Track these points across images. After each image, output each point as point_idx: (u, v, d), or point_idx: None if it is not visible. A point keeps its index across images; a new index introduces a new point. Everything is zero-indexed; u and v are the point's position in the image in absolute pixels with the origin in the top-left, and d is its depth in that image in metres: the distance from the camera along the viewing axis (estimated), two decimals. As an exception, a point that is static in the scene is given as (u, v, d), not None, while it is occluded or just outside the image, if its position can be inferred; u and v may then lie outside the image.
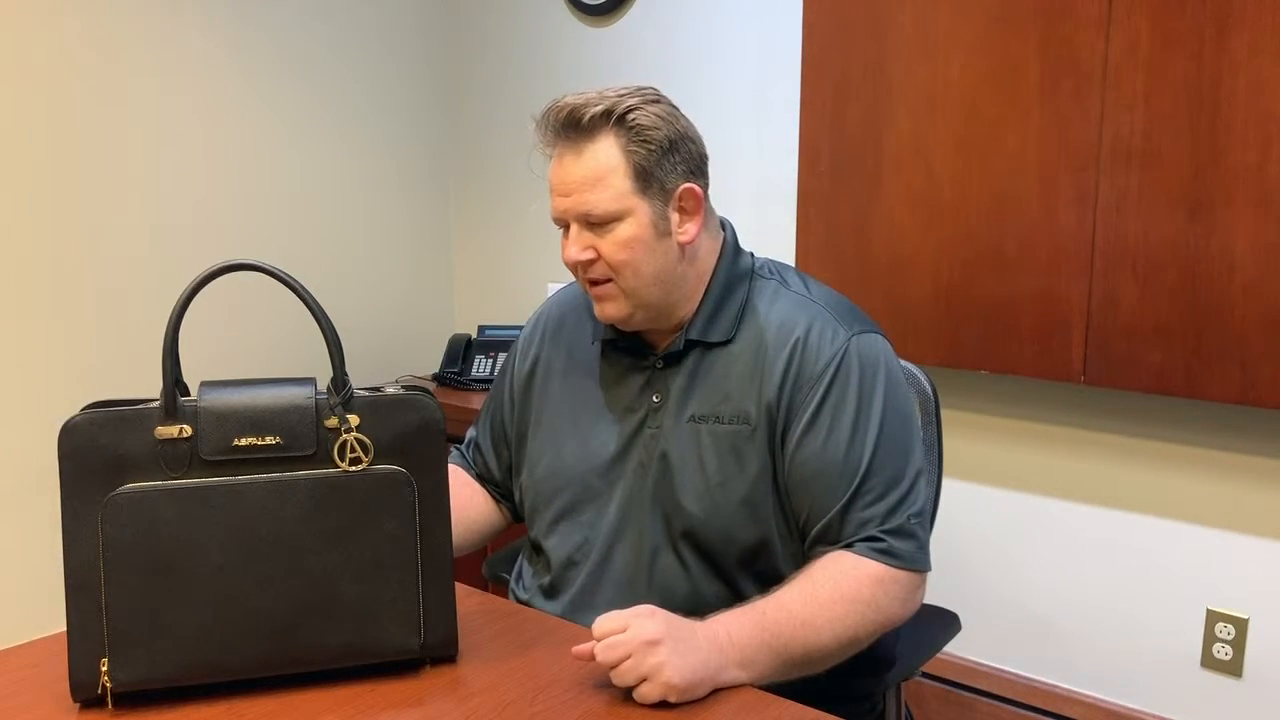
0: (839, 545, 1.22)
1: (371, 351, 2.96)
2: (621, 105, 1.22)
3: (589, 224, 1.24)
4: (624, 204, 1.22)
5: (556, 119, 1.23)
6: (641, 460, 1.30)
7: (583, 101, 1.22)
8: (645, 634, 1.03)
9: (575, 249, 1.24)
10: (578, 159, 1.22)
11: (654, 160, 1.23)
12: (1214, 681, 2.07)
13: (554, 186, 1.25)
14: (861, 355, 1.26)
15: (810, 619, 1.14)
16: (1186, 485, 2.06)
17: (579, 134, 1.22)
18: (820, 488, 1.23)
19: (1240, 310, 1.79)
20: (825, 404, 1.24)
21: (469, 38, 3.07)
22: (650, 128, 1.23)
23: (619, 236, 1.23)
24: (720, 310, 1.30)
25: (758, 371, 1.27)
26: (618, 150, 1.22)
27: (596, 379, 1.36)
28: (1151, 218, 1.86)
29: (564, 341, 1.42)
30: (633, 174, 1.22)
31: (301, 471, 1.04)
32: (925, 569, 1.25)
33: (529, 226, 3.03)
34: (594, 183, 1.22)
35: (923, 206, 2.10)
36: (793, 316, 1.28)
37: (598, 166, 1.22)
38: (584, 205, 1.22)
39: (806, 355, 1.25)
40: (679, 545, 1.28)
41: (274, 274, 1.04)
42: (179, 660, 1.01)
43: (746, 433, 1.26)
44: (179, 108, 2.51)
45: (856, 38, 2.14)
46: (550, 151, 1.26)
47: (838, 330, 1.27)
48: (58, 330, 2.35)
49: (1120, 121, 1.87)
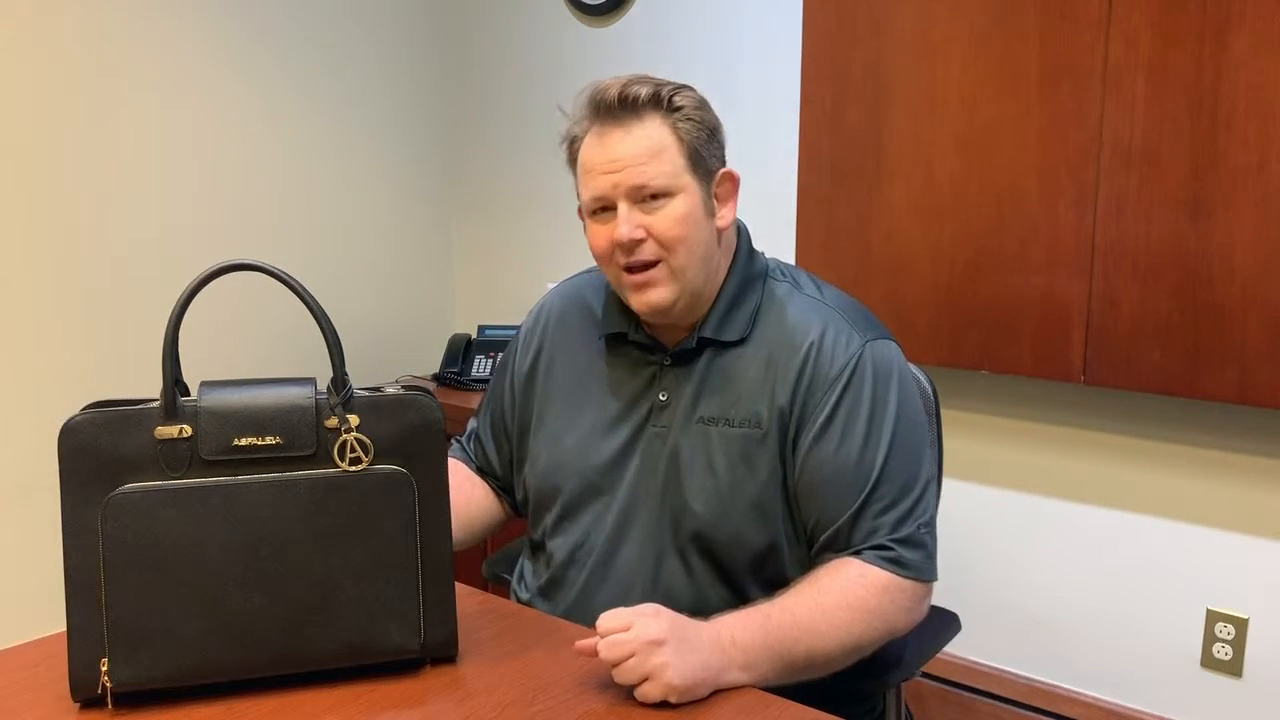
0: (847, 552, 1.22)
1: (371, 351, 2.96)
2: (666, 89, 1.23)
3: (639, 200, 1.22)
4: (680, 180, 1.22)
5: (603, 98, 1.22)
6: (646, 459, 1.30)
7: (627, 81, 1.22)
8: (649, 634, 1.03)
9: (627, 227, 1.21)
10: (627, 135, 1.21)
11: (701, 141, 1.24)
12: (1214, 681, 2.07)
13: (596, 165, 1.23)
14: (876, 362, 1.26)
15: (815, 625, 1.14)
16: (1186, 485, 2.06)
17: (627, 113, 1.22)
18: (831, 494, 1.23)
19: (1240, 310, 1.79)
20: (839, 410, 1.23)
21: (469, 38, 3.07)
22: (695, 110, 1.24)
23: (674, 212, 1.22)
24: (734, 310, 1.29)
25: (770, 374, 1.26)
26: (668, 130, 1.22)
27: (600, 374, 1.36)
28: (1151, 218, 1.85)
29: (567, 335, 1.41)
30: (685, 152, 1.23)
31: (301, 471, 1.04)
32: (932, 579, 1.25)
33: (529, 226, 3.03)
34: (650, 157, 1.21)
35: (923, 206, 2.10)
36: (807, 320, 1.28)
37: (652, 143, 1.21)
38: (640, 178, 1.20)
39: (821, 360, 1.25)
40: (685, 549, 1.27)
41: (274, 274, 1.04)
42: (179, 660, 1.01)
43: (758, 436, 1.25)
44: (179, 108, 2.51)
45: (856, 38, 2.14)
46: (591, 130, 1.24)
47: (852, 336, 1.26)
48: (57, 330, 2.35)
49: (1120, 121, 1.87)
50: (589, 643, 1.05)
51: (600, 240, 1.25)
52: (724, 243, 1.30)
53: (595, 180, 1.23)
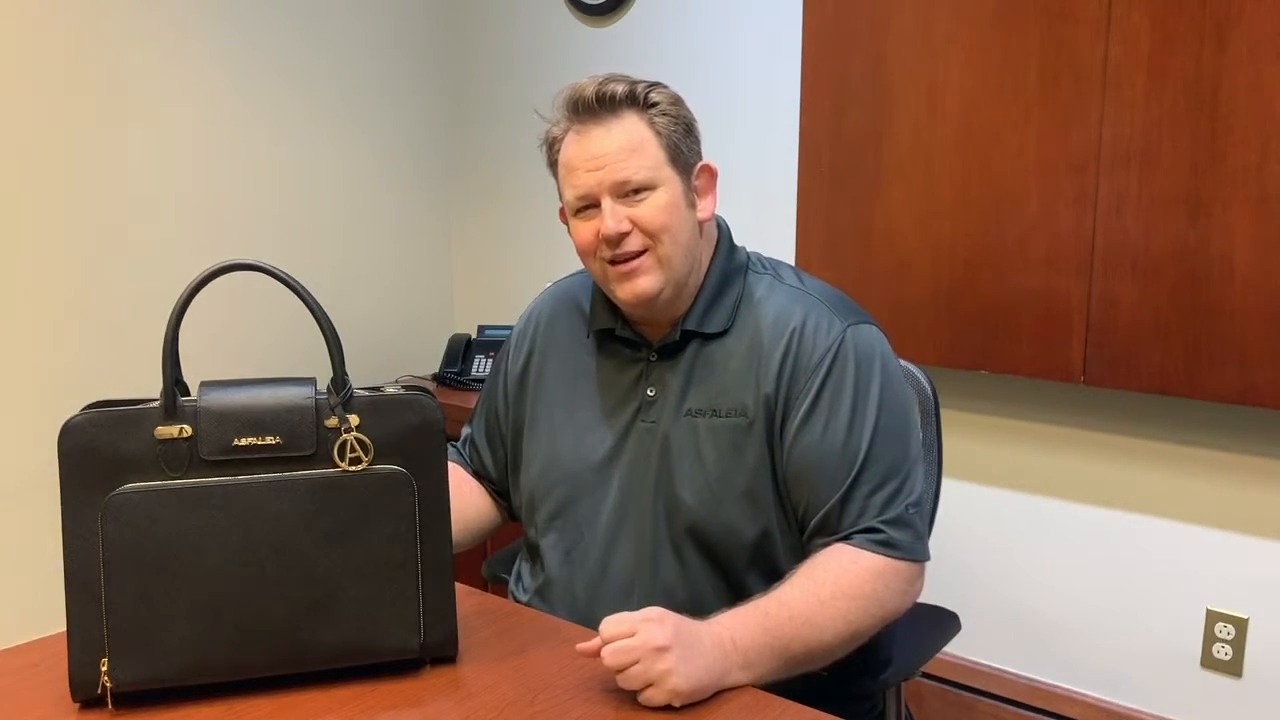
0: (838, 536, 1.22)
1: (371, 351, 2.96)
2: (640, 87, 1.26)
3: (622, 195, 1.24)
4: (660, 173, 1.25)
5: (580, 97, 1.24)
6: (638, 455, 1.30)
7: (602, 81, 1.25)
8: (654, 640, 1.03)
9: (613, 221, 1.23)
10: (607, 133, 1.24)
11: (679, 135, 1.27)
12: (1214, 681, 2.07)
13: (579, 164, 1.25)
14: (858, 346, 1.27)
15: (812, 617, 1.14)
16: (1186, 485, 2.06)
17: (605, 111, 1.24)
18: (819, 478, 1.24)
19: (1240, 310, 1.79)
20: (822, 394, 1.25)
21: (469, 37, 3.07)
22: (670, 106, 1.27)
23: (657, 202, 1.24)
24: (716, 302, 1.31)
25: (754, 364, 1.27)
26: (644, 125, 1.25)
27: (590, 374, 1.37)
28: (1151, 218, 1.86)
29: (557, 337, 1.42)
30: (664, 145, 1.25)
31: (301, 471, 1.04)
32: (924, 559, 1.25)
33: (529, 226, 3.03)
34: (630, 151, 1.23)
35: (923, 206, 2.10)
36: (788, 309, 1.29)
37: (631, 138, 1.24)
38: (622, 173, 1.23)
39: (803, 346, 1.26)
40: (680, 544, 1.28)
41: (274, 274, 1.04)
42: (179, 660, 1.01)
43: (744, 425, 1.26)
44: (179, 108, 2.51)
45: (856, 38, 2.14)
46: (570, 130, 1.26)
47: (833, 321, 1.28)
48: (57, 330, 2.35)
49: (1120, 121, 1.87)
50: (592, 645, 1.05)
51: (586, 236, 1.27)
52: (705, 235, 1.32)
53: (579, 178, 1.25)
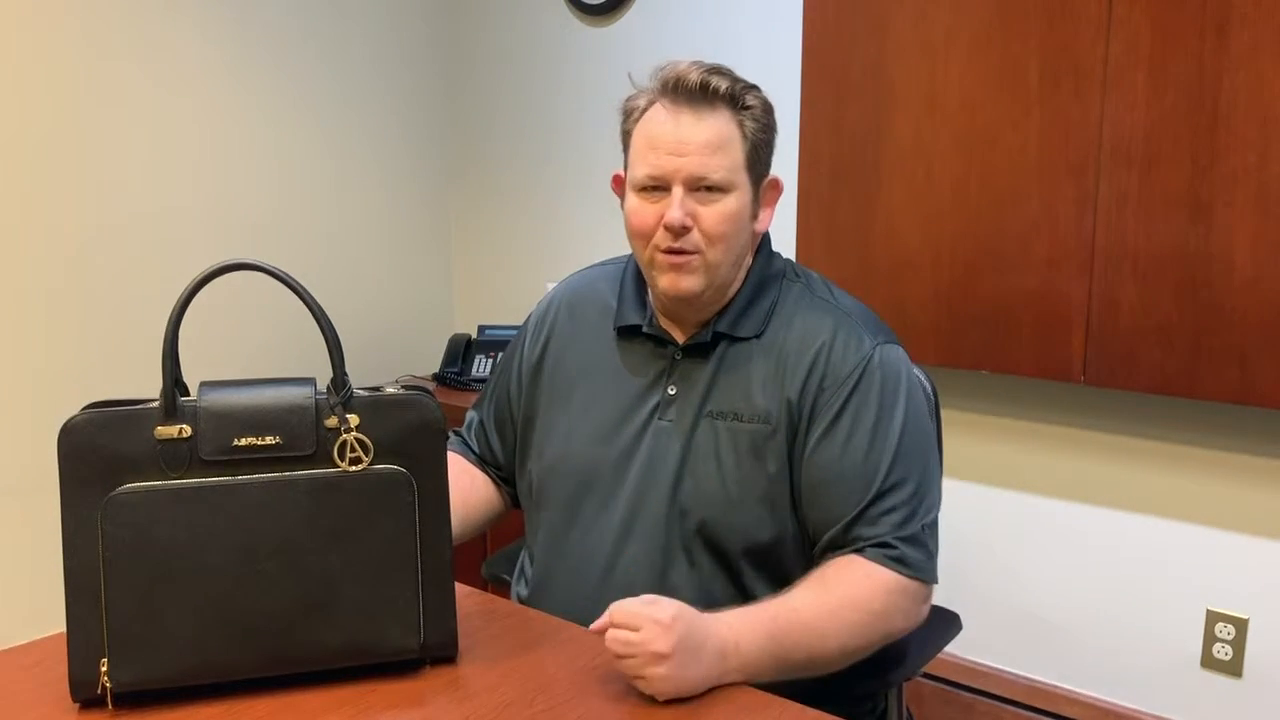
0: (851, 549, 1.22)
1: (371, 351, 2.96)
2: (739, 86, 1.25)
3: (695, 189, 1.23)
4: (737, 177, 1.24)
5: (683, 81, 1.22)
6: (654, 452, 1.29)
7: (707, 70, 1.23)
8: (654, 645, 1.02)
9: (679, 212, 1.21)
10: (699, 122, 1.22)
11: (762, 143, 1.26)
12: (1214, 681, 2.07)
13: (662, 144, 1.23)
14: (885, 365, 1.27)
15: (819, 627, 1.14)
16: (1186, 485, 2.06)
17: (703, 100, 1.22)
18: (835, 493, 1.23)
19: (1240, 310, 1.79)
20: (846, 410, 1.24)
21: (469, 37, 3.07)
22: (762, 113, 1.26)
23: (725, 209, 1.23)
24: (752, 307, 1.31)
25: (781, 372, 1.27)
26: (735, 126, 1.24)
27: (611, 366, 1.36)
28: (1151, 218, 1.85)
29: (578, 327, 1.41)
30: (747, 151, 1.25)
31: (301, 471, 1.04)
32: (933, 581, 1.25)
33: (528, 226, 3.03)
34: (716, 149, 1.22)
35: (923, 206, 2.10)
36: (819, 321, 1.29)
37: (719, 135, 1.22)
38: (702, 169, 1.22)
39: (832, 360, 1.26)
40: (691, 544, 1.27)
41: (274, 274, 1.04)
42: (179, 660, 1.01)
43: (766, 432, 1.26)
44: (179, 107, 2.51)
45: (856, 38, 2.14)
46: (659, 104, 1.24)
47: (863, 339, 1.28)
48: (57, 330, 2.35)
49: (1120, 121, 1.87)
50: (601, 624, 1.06)
51: (647, 218, 1.25)
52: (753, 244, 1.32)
53: (658, 157, 1.23)
